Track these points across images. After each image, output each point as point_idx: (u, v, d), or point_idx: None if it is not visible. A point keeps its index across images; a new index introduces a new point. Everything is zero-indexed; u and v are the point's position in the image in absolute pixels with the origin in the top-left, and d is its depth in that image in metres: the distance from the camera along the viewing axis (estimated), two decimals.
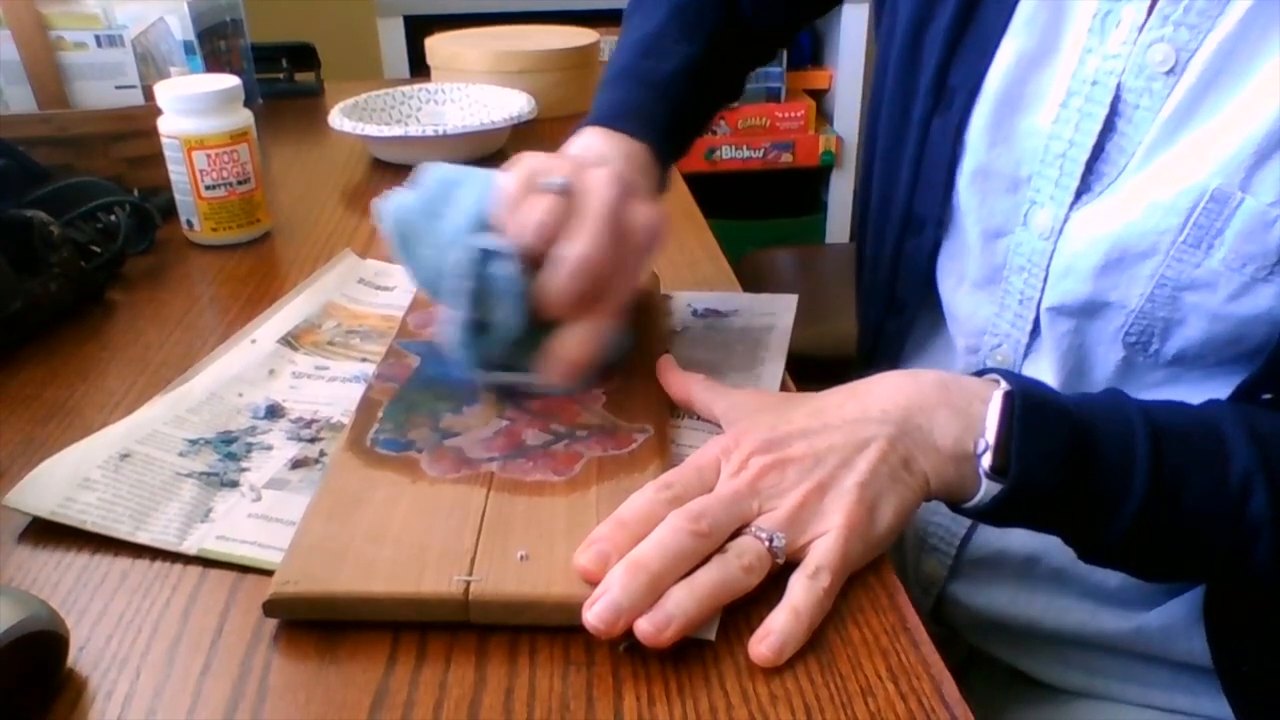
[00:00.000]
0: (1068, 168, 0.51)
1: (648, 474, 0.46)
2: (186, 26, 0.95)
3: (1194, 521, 0.44)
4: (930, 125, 0.58)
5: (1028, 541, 0.57)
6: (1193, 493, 0.43)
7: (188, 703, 0.37)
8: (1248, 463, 0.43)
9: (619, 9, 0.80)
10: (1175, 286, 0.48)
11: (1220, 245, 0.45)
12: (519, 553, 0.42)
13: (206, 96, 0.72)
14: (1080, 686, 0.59)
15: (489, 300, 0.49)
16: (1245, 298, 0.46)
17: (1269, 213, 0.44)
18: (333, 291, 0.68)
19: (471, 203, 0.50)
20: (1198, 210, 0.46)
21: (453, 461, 0.48)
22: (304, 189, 0.90)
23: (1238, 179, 0.44)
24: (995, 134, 0.55)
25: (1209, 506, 0.44)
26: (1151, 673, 0.56)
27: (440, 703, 0.37)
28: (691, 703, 0.37)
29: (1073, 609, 0.57)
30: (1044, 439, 0.43)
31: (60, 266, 0.64)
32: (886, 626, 0.41)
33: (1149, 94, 0.48)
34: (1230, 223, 0.45)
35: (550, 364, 0.50)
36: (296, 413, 0.54)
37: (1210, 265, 0.46)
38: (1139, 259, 0.48)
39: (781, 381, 0.57)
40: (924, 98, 0.58)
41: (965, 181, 0.57)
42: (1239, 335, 0.47)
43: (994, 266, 0.57)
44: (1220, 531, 0.44)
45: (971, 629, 0.63)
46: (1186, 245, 0.46)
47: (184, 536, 0.45)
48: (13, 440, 0.53)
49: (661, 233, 0.51)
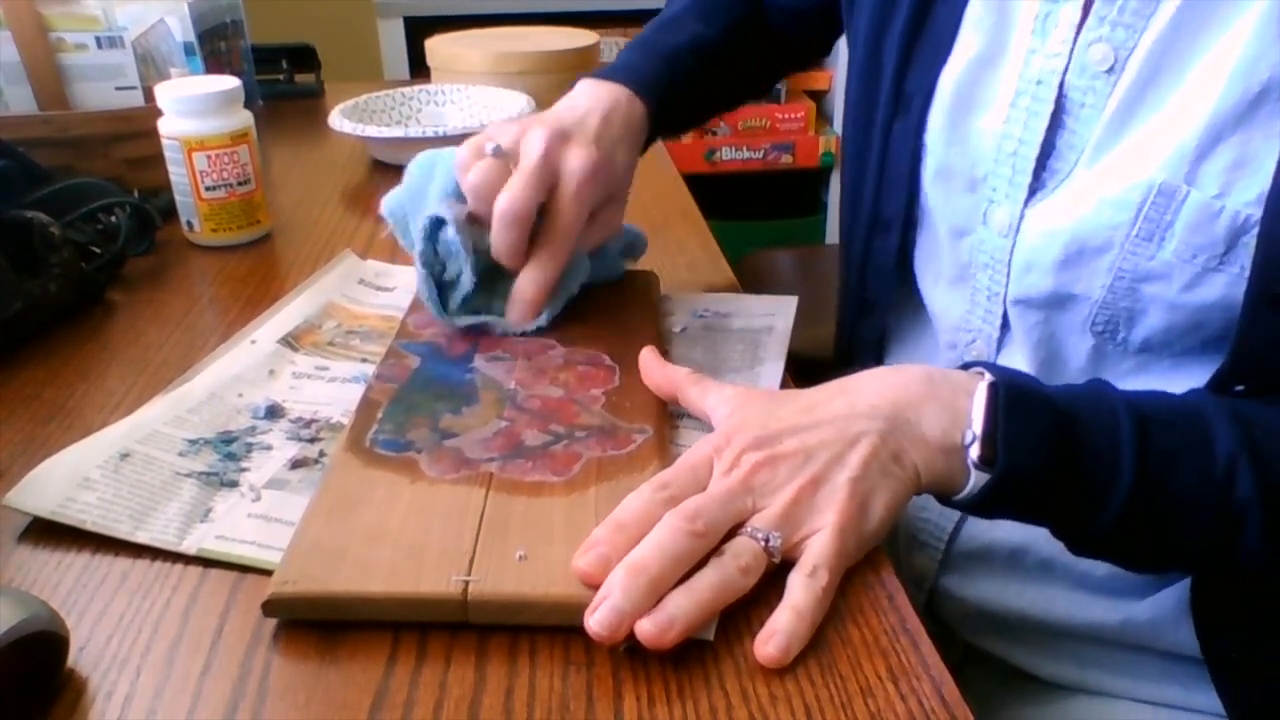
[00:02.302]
0: (1019, 165, 0.53)
1: (646, 474, 0.46)
2: (187, 28, 0.96)
3: (1182, 506, 0.44)
4: (891, 129, 0.60)
5: (1015, 533, 0.58)
6: (1180, 478, 0.44)
7: (188, 703, 0.37)
8: (1232, 446, 0.43)
9: (619, 9, 0.80)
10: (1133, 278, 0.49)
11: (1171, 238, 0.47)
12: (518, 553, 0.42)
13: (207, 98, 0.72)
14: (1072, 680, 0.59)
15: (445, 260, 0.57)
16: (1199, 287, 0.47)
17: (1214, 205, 0.45)
18: (333, 292, 0.68)
19: (443, 177, 0.58)
20: (1147, 205, 0.47)
21: (452, 462, 0.48)
22: (304, 190, 0.90)
23: (1182, 173, 0.46)
24: (951, 135, 0.56)
25: (1196, 491, 0.44)
26: (1142, 665, 0.57)
27: (440, 703, 0.37)
28: (691, 703, 0.37)
29: (1060, 599, 0.58)
30: (1030, 428, 0.43)
31: (60, 267, 0.64)
32: (886, 627, 0.41)
33: (1092, 92, 0.50)
34: (1179, 215, 0.46)
35: (511, 306, 0.57)
36: (296, 413, 0.54)
37: (1163, 257, 0.47)
38: (1096, 253, 0.49)
39: (782, 382, 0.57)
40: (884, 103, 0.60)
41: (930, 181, 0.59)
42: (1198, 323, 0.48)
43: (962, 264, 0.58)
44: (1208, 516, 0.44)
45: (965, 623, 0.63)
46: (1139, 239, 0.48)
47: (183, 536, 0.45)
48: (13, 440, 0.53)
49: (591, 173, 0.56)
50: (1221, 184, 0.45)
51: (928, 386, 0.45)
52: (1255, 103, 0.44)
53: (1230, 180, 0.45)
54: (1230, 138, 0.44)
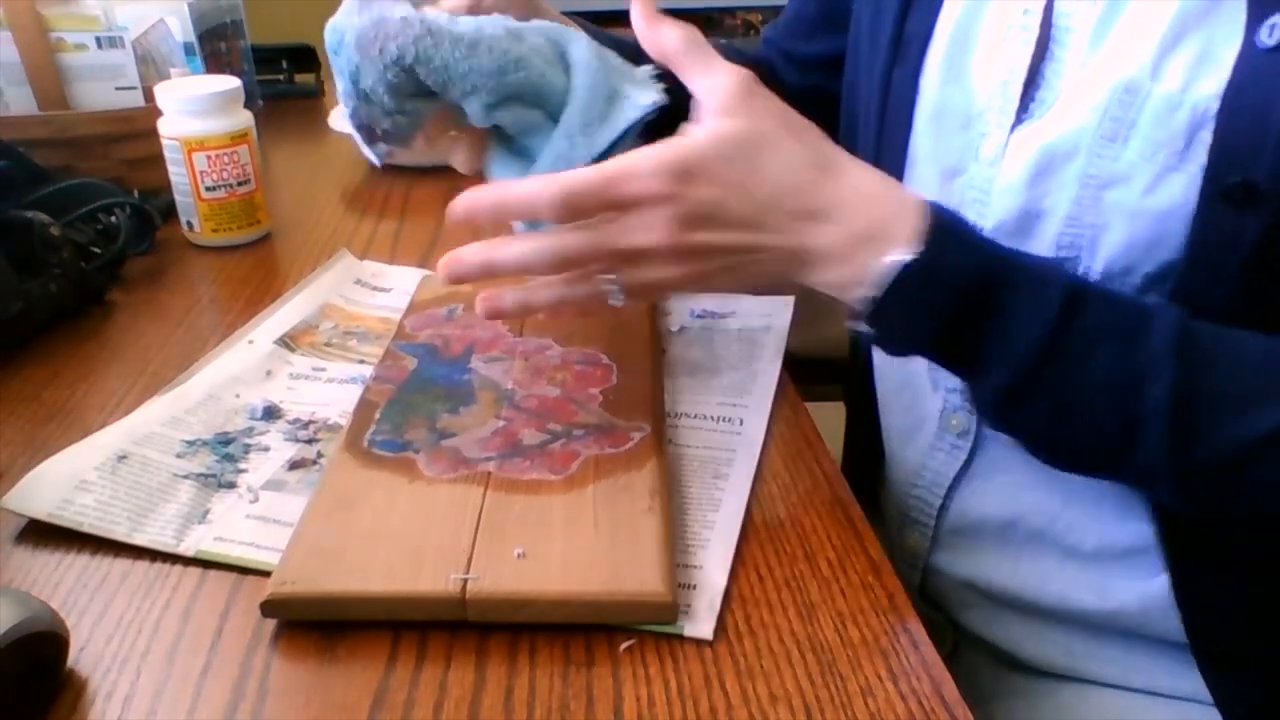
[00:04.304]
0: (1008, 93, 0.53)
1: (644, 472, 0.47)
2: (187, 28, 0.96)
3: (1087, 389, 0.44)
4: (892, 76, 0.60)
5: (1005, 507, 0.58)
6: (1097, 361, 0.43)
7: (188, 703, 0.37)
8: (1162, 347, 0.43)
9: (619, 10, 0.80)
10: (1098, 185, 0.49)
11: (1135, 135, 0.47)
12: (516, 551, 0.42)
13: (207, 98, 0.72)
14: (1062, 666, 0.59)
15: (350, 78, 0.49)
16: (1159, 190, 0.47)
17: (1175, 98, 0.46)
18: (330, 293, 0.68)
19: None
20: (1112, 104, 0.48)
21: (450, 461, 0.48)
22: (304, 190, 0.90)
23: (1148, 71, 0.47)
24: (948, 74, 0.57)
25: (1108, 378, 0.43)
26: (1131, 652, 0.57)
27: (440, 703, 0.37)
28: (691, 703, 0.37)
29: (1053, 578, 0.58)
30: (916, 312, 0.44)
31: (60, 267, 0.64)
32: (886, 627, 0.41)
33: (1077, 15, 0.51)
34: (1142, 112, 0.47)
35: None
36: (294, 414, 0.54)
37: (1127, 158, 0.48)
38: (1064, 161, 0.50)
39: (779, 382, 0.57)
40: (885, 49, 0.60)
41: (923, 125, 0.59)
42: (1158, 236, 0.48)
43: (951, 207, 0.58)
44: (1113, 405, 0.44)
45: (957, 602, 0.64)
46: (1103, 139, 0.48)
47: (181, 538, 0.45)
48: (13, 441, 0.53)
49: None
50: (1185, 78, 0.46)
51: (881, 226, 0.44)
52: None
53: (1193, 74, 0.46)
54: (1194, 32, 0.45)
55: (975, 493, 0.60)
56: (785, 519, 0.47)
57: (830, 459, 0.52)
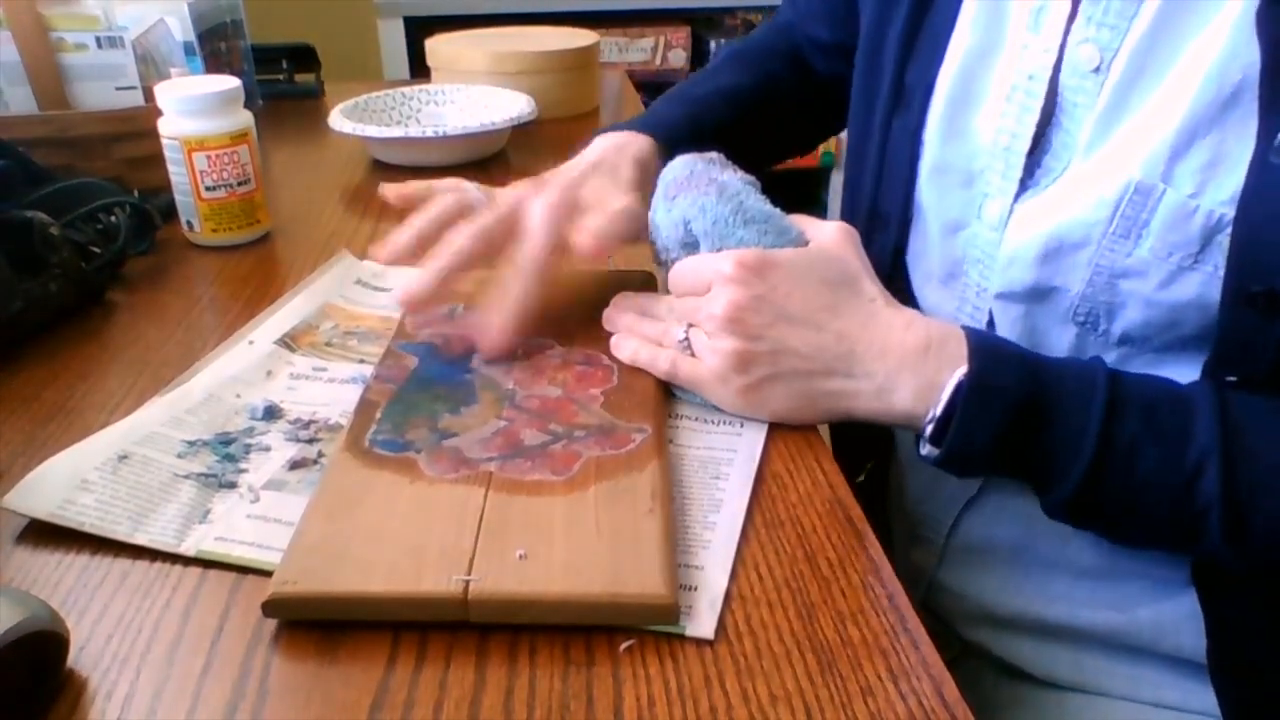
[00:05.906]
0: (1011, 160, 0.53)
1: (646, 474, 0.47)
2: (187, 28, 0.96)
3: (1144, 492, 0.46)
4: (891, 125, 0.60)
5: (1016, 530, 0.58)
6: (1146, 464, 0.45)
7: (188, 703, 0.37)
8: (1208, 441, 0.44)
9: (619, 10, 0.80)
10: (1111, 274, 0.49)
11: (1148, 235, 0.47)
12: (518, 552, 0.42)
13: (207, 98, 0.72)
14: (1068, 679, 0.59)
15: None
16: (1174, 285, 0.48)
17: (1189, 204, 0.46)
18: (330, 293, 0.68)
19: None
20: (1124, 202, 0.48)
21: (451, 461, 0.48)
22: (304, 190, 0.90)
23: (1159, 171, 0.46)
24: (949, 130, 0.57)
25: (1160, 479, 0.45)
26: (1140, 666, 0.57)
27: (440, 703, 0.37)
28: (691, 703, 0.37)
29: (1061, 598, 0.57)
30: (983, 421, 0.46)
31: (60, 267, 0.64)
32: (886, 627, 0.41)
33: (1083, 92, 0.51)
34: (1155, 214, 0.47)
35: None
36: (294, 414, 0.54)
37: (1140, 254, 0.48)
38: (1075, 249, 0.50)
39: None
40: (885, 98, 0.60)
41: (925, 178, 0.59)
42: (1174, 320, 0.49)
43: (954, 260, 0.59)
44: (1170, 504, 0.45)
45: (961, 618, 0.64)
46: (1116, 236, 0.48)
47: (182, 538, 0.45)
48: (13, 441, 0.53)
49: (546, 212, 0.56)
50: (1197, 183, 0.46)
51: (919, 358, 0.48)
52: (1229, 103, 0.44)
53: (1205, 179, 0.45)
54: (1205, 137, 0.45)
55: (987, 514, 0.59)
56: (785, 519, 0.47)
57: (830, 459, 0.52)
